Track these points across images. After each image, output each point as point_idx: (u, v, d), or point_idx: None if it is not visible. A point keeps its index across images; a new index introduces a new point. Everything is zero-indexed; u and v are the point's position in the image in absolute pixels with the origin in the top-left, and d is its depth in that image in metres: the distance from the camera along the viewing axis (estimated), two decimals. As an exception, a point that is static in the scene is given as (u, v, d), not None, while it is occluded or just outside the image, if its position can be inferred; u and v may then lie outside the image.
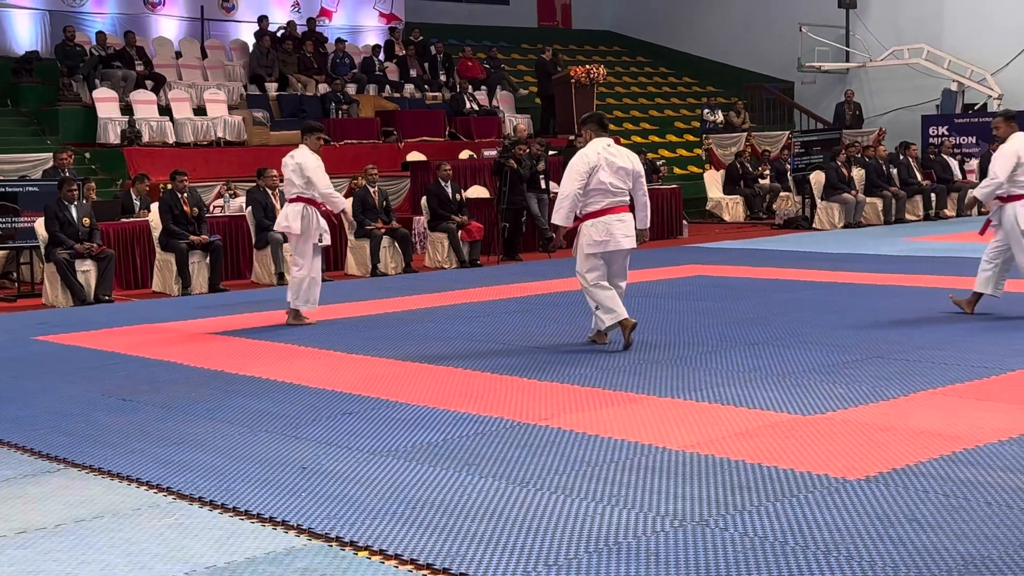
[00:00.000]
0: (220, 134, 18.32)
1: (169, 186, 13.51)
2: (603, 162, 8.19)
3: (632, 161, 8.34)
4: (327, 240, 10.32)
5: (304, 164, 10.11)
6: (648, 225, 8.53)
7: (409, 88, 22.08)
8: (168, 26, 21.90)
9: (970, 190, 9.03)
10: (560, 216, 8.30)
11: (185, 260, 13.08)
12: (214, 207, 15.06)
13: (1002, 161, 8.93)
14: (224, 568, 4.11)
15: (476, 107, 21.61)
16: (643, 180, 8.42)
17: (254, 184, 14.28)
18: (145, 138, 17.50)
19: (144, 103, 18.24)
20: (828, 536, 4.17)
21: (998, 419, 5.78)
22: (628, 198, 8.33)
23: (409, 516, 4.58)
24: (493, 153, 17.41)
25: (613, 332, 8.35)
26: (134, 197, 14.31)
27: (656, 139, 24.53)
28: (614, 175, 8.20)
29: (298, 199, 10.15)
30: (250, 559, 4.19)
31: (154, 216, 13.45)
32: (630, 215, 8.34)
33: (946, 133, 22.81)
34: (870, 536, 4.16)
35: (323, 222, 10.29)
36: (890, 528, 4.23)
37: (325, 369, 7.93)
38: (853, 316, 9.32)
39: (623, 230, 8.22)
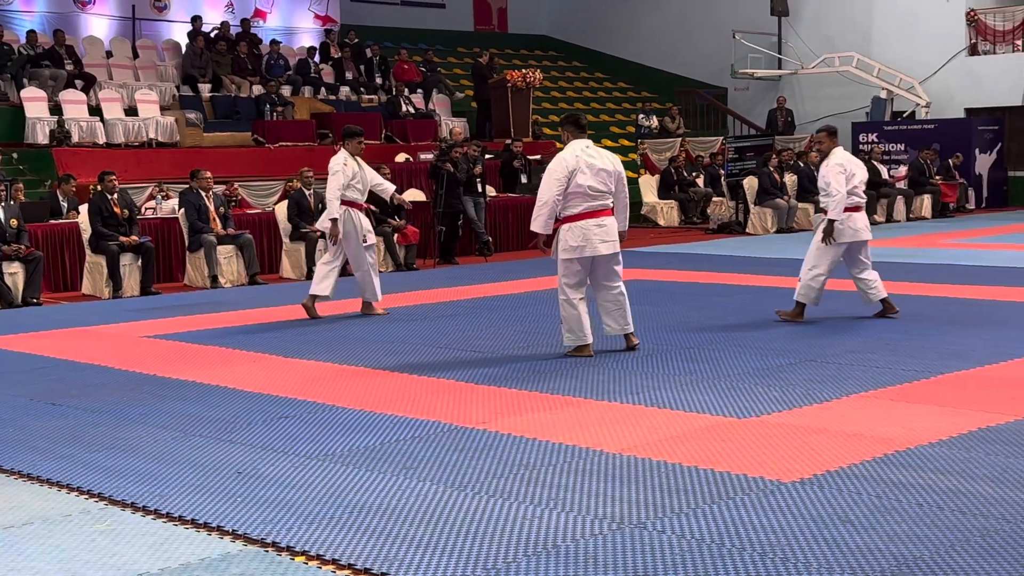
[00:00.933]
0: (152, 135, 18.06)
1: (98, 187, 13.30)
2: (582, 165, 7.91)
3: (613, 162, 8.09)
4: (371, 239, 10.57)
5: (329, 167, 10.33)
6: (627, 227, 8.30)
7: (345, 90, 21.96)
8: (99, 25, 21.57)
9: (823, 217, 9.30)
10: (538, 223, 8.00)
11: (116, 262, 12.89)
12: (146, 209, 14.86)
13: (836, 175, 9.11)
14: (158, 574, 4.05)
15: (412, 110, 21.55)
16: (624, 182, 8.18)
17: (187, 186, 14.11)
18: (75, 138, 17.21)
19: (74, 103, 17.94)
20: (764, 538, 4.21)
21: (928, 422, 5.87)
22: (610, 202, 8.06)
23: (346, 520, 4.55)
24: (430, 156, 17.40)
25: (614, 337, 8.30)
26: (60, 198, 14.08)
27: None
28: (594, 178, 7.94)
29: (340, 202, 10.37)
30: (184, 565, 4.13)
31: (83, 218, 13.25)
32: (612, 219, 8.06)
33: (875, 140, 23.19)
34: (805, 538, 4.20)
35: (365, 222, 10.54)
36: (824, 530, 4.28)
37: (260, 373, 7.85)
38: (783, 320, 9.41)
39: (601, 235, 7.96)
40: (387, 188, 10.91)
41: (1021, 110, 23.61)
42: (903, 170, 21.59)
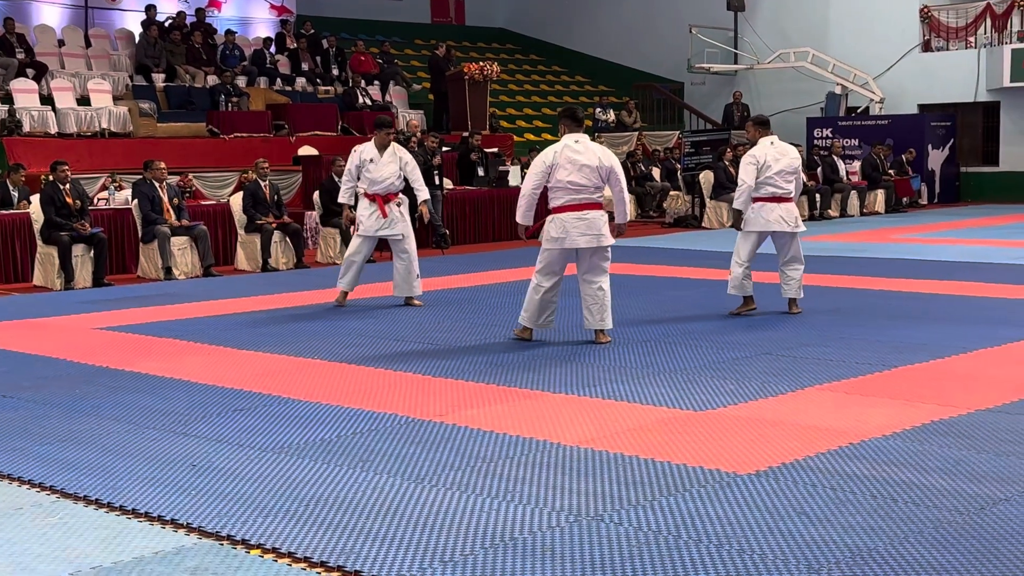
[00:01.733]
0: (105, 125, 17.87)
1: (50, 177, 13.13)
2: (563, 160, 8.03)
3: (601, 158, 8.11)
4: (395, 231, 10.43)
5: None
6: (627, 219, 8.48)
7: (301, 82, 21.83)
8: (50, 14, 21.30)
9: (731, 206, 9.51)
10: (519, 215, 8.28)
11: (68, 253, 12.74)
12: (99, 200, 14.69)
13: (745, 166, 9.38)
14: (111, 568, 4.00)
15: (369, 102, 21.46)
16: (618, 175, 8.19)
17: (140, 176, 13.96)
18: (26, 128, 16.99)
19: (25, 92, 17.70)
20: (720, 530, 4.23)
21: (881, 415, 5.93)
22: (596, 196, 8.13)
23: (302, 513, 4.52)
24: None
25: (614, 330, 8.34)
26: (11, 188, 13.88)
27: (549, 137, 24.63)
28: (577, 173, 8.02)
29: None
30: (138, 559, 4.09)
31: (35, 208, 13.07)
32: (595, 213, 8.10)
33: (830, 135, 23.38)
34: (761, 529, 4.22)
35: (385, 216, 10.36)
36: (780, 521, 4.30)
37: (214, 365, 7.79)
38: (741, 314, 9.46)
39: (581, 228, 8.04)
40: (418, 193, 10.68)
41: (973, 106, 23.91)
42: (856, 165, 21.78)
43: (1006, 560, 3.87)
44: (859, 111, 24.48)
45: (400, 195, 10.51)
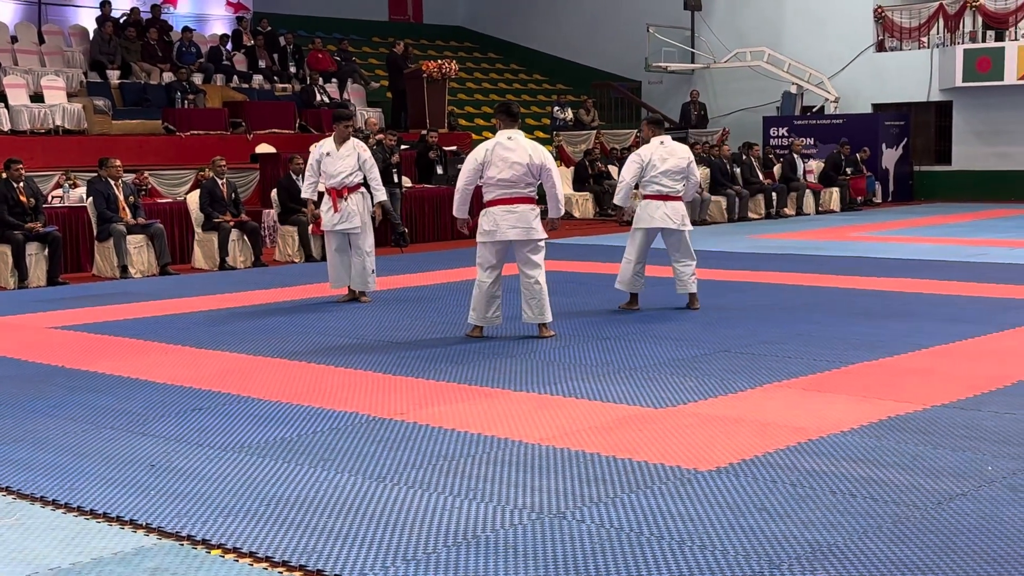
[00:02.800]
0: (59, 122, 17.67)
1: (3, 175, 12.97)
2: (495, 158, 8.19)
3: (531, 155, 8.21)
4: (344, 226, 10.36)
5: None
6: (560, 215, 8.58)
7: (258, 79, 21.69)
8: (3, 10, 21.04)
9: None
10: (455, 209, 8.53)
11: (22, 252, 12.58)
12: (53, 197, 14.52)
13: (628, 164, 9.63)
14: (69, 569, 3.96)
15: (327, 100, 21.37)
16: (550, 171, 8.30)
17: (95, 174, 13.81)
18: (-22, 125, 16.79)
19: (-23, 89, 17.50)
20: (682, 526, 4.25)
21: (839, 411, 5.98)
22: (528, 191, 8.28)
23: (263, 513, 4.50)
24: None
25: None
26: (-36, 186, 13.70)
27: (507, 135, 24.64)
28: (508, 170, 8.18)
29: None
30: (96, 559, 4.05)
31: (-12, 206, 12.90)
32: (525, 207, 8.28)
33: (786, 134, 23.54)
34: (722, 525, 4.25)
35: (345, 208, 10.29)
36: (741, 517, 4.33)
37: (172, 364, 7.73)
38: (700, 311, 9.52)
39: (511, 221, 8.22)
40: (375, 193, 10.49)
41: (927, 105, 24.17)
42: (814, 164, 21.95)
43: (964, 554, 3.91)
44: (814, 110, 24.68)
45: (362, 190, 10.44)
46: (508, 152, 8.20)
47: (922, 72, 23.84)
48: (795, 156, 21.47)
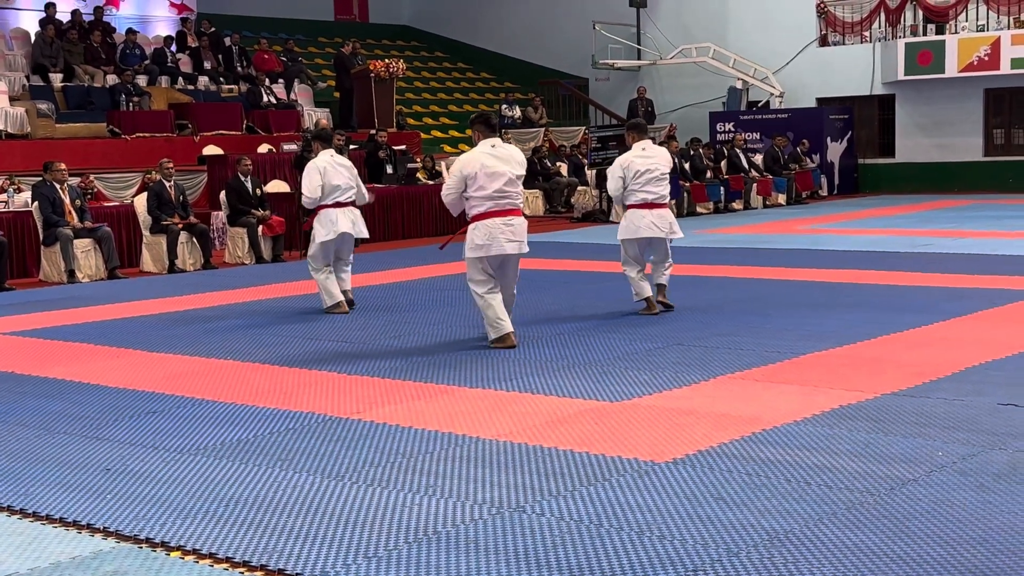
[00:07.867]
0: (1, 127, 17.43)
1: (-53, 180, 12.80)
2: (481, 173, 7.78)
3: (512, 163, 7.95)
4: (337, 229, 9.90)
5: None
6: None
7: (203, 80, 21.52)
8: (-58, 12, 20.73)
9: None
10: (455, 213, 8.23)
11: (-34, 258, 12.42)
12: (-4, 202, 14.34)
13: (612, 178, 9.33)
14: (28, 574, 3.93)
15: (274, 100, 21.26)
16: (521, 177, 8.05)
17: (40, 179, 13.65)
18: (-82, 130, 16.53)
19: (-83, 93, 17.22)
20: (640, 517, 4.29)
21: (792, 401, 6.05)
22: (519, 201, 7.99)
23: (222, 514, 4.48)
24: (293, 147, 17.19)
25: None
26: (-95, 192, 13.50)
27: (456, 134, 24.65)
28: (498, 182, 7.83)
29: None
30: (55, 564, 4.02)
31: (-69, 212, 12.72)
32: (520, 219, 7.96)
33: (732, 129, 23.73)
34: (680, 516, 4.29)
35: (341, 220, 9.85)
36: (698, 507, 4.37)
37: (124, 368, 7.66)
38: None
39: (508, 235, 7.83)
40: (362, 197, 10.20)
41: (869, 99, 24.46)
42: (759, 159, 22.14)
43: (916, 538, 3.98)
44: (760, 105, 24.90)
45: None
46: (493, 166, 7.85)
47: (865, 66, 24.12)
48: (737, 151, 21.63)
